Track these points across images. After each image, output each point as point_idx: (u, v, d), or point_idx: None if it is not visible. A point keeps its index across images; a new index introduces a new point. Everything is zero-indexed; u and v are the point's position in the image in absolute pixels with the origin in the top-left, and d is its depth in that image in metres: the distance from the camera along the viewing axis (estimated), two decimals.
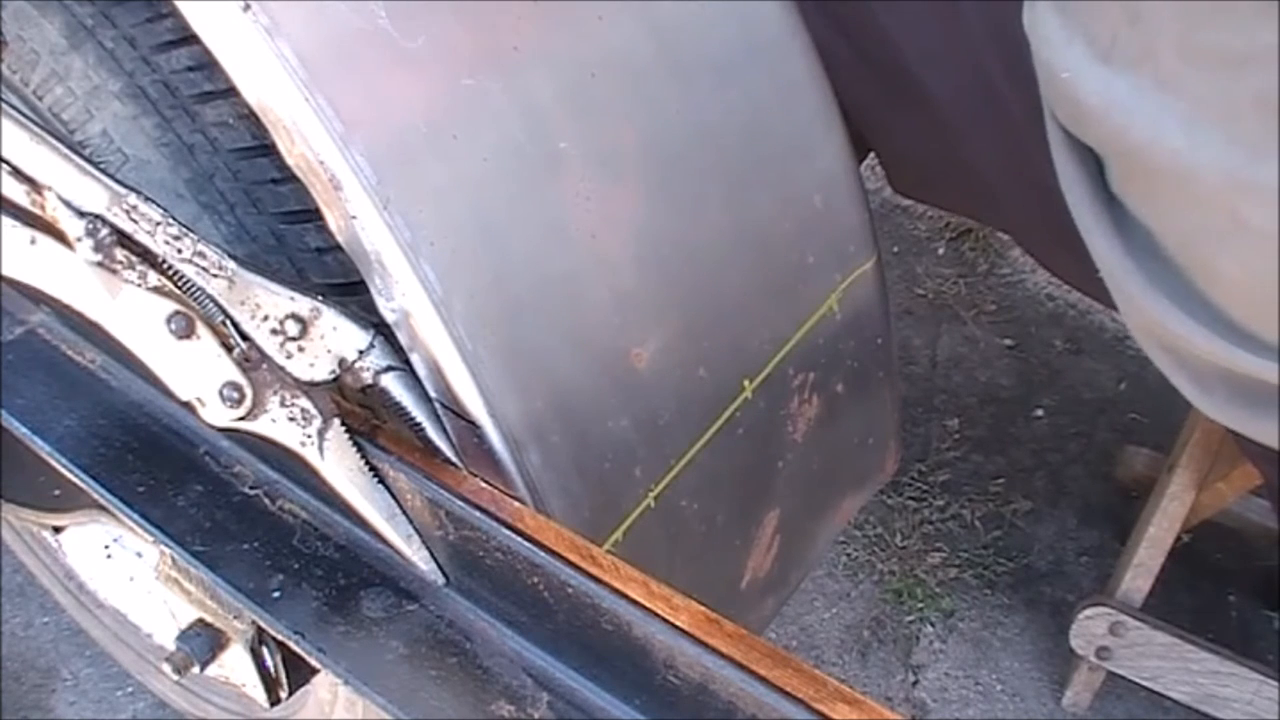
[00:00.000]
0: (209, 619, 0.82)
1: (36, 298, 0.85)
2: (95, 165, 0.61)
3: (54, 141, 0.61)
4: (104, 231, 0.60)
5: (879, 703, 0.53)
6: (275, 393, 0.63)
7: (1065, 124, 0.63)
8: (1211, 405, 0.65)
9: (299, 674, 0.86)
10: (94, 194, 0.60)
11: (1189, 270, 0.60)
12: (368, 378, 0.62)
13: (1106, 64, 0.56)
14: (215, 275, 0.61)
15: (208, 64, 0.67)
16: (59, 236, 0.62)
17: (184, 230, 0.61)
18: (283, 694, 0.87)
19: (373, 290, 0.61)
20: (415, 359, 0.62)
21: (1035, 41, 0.63)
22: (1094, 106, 0.58)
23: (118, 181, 0.61)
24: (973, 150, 0.92)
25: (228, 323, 0.62)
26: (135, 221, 0.60)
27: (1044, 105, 0.67)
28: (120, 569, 1.08)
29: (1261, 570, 1.48)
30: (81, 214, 0.60)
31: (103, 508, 0.79)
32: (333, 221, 0.61)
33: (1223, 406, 0.64)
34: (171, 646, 0.86)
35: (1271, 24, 0.48)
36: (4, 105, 0.61)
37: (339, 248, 0.61)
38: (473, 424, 0.62)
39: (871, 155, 1.11)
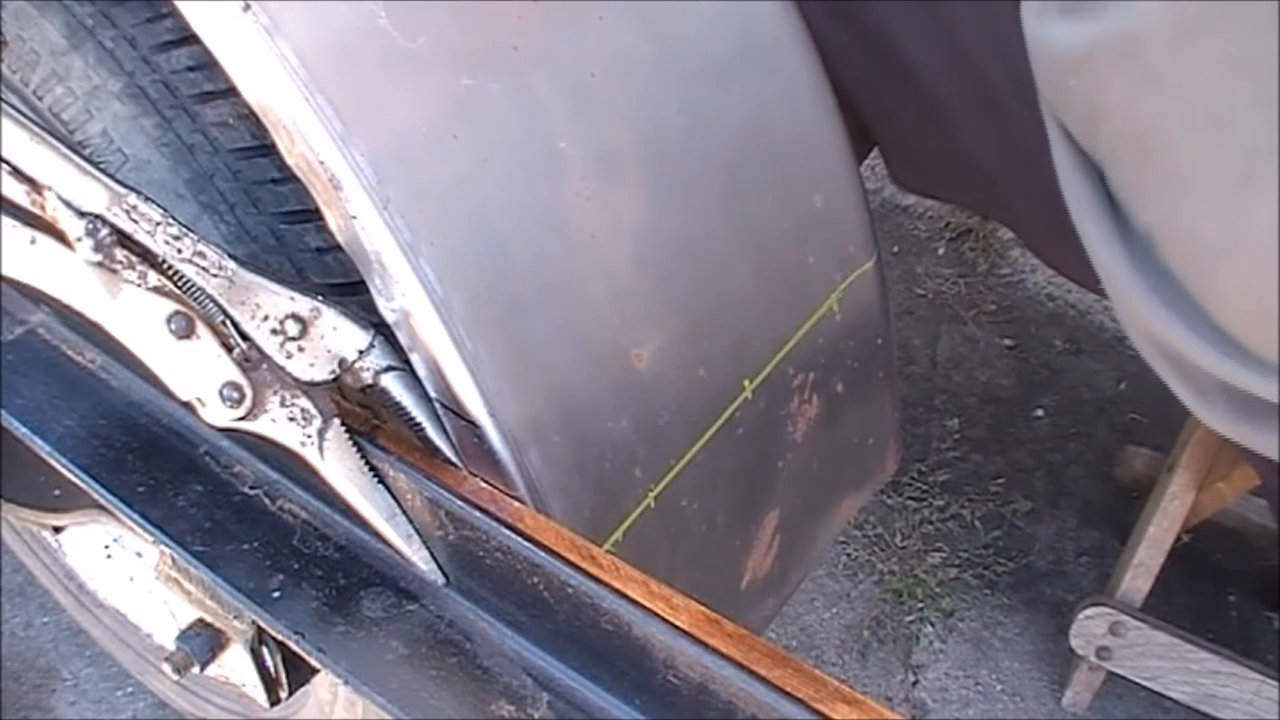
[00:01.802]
0: (209, 619, 0.82)
1: (36, 298, 0.85)
2: (95, 165, 0.61)
3: (54, 141, 0.61)
4: (104, 231, 0.60)
5: (879, 703, 0.53)
6: (275, 393, 0.63)
7: (1060, 117, 0.63)
8: (1211, 415, 0.65)
9: (299, 674, 0.86)
10: (94, 194, 0.60)
11: (1190, 283, 0.60)
12: (368, 378, 0.62)
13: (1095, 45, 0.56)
14: (215, 275, 0.61)
15: (208, 64, 0.67)
16: (59, 236, 0.62)
17: (184, 230, 0.61)
18: (283, 694, 0.87)
19: (373, 290, 0.61)
20: (415, 359, 0.62)
21: (1029, 30, 0.63)
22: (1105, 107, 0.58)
23: (118, 181, 0.61)
24: (970, 144, 0.92)
25: (228, 323, 0.62)
26: (135, 221, 0.60)
27: (1042, 107, 0.66)
28: (120, 569, 1.08)
29: (1261, 570, 1.48)
30: (81, 214, 0.60)
31: (103, 508, 0.79)
32: (333, 221, 0.61)
33: (1222, 417, 0.64)
34: (171, 646, 0.86)
35: (1273, 29, 0.48)
36: (4, 105, 0.61)
37: (339, 248, 0.61)
38: (473, 424, 0.62)
39: (872, 155, 1.11)
